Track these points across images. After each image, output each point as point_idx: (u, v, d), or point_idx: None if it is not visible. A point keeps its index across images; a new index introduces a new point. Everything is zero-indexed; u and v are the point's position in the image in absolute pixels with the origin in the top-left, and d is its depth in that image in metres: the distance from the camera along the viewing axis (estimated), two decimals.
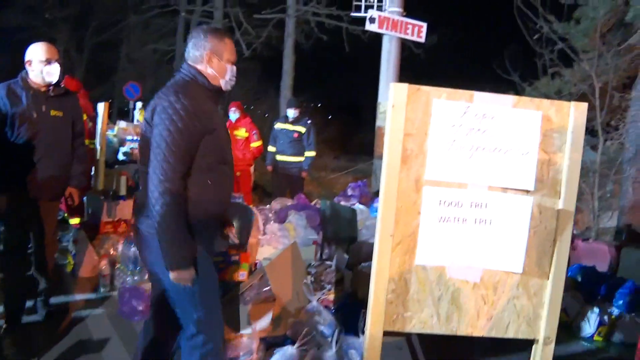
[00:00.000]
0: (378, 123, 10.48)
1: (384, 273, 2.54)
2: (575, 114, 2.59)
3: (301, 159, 9.05)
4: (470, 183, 2.56)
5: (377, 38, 16.06)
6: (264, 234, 6.38)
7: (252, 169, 9.85)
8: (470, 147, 2.54)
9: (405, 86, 2.47)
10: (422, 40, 10.59)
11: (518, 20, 9.83)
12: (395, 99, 2.47)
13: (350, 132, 28.35)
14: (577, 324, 5.23)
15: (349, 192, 9.01)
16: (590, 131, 10.35)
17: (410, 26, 10.34)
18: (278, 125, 9.21)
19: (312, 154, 9.13)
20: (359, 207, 6.95)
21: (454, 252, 2.58)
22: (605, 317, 5.22)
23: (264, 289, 4.91)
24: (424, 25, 10.37)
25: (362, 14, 11.11)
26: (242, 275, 5.36)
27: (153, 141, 2.59)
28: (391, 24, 10.16)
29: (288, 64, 16.40)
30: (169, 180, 2.55)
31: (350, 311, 4.55)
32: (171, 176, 2.55)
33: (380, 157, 9.41)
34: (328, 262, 6.00)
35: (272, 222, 6.65)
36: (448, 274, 2.60)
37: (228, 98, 17.14)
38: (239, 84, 20.00)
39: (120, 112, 21.34)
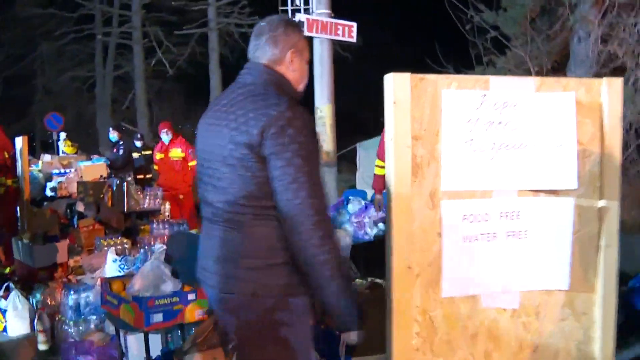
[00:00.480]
0: (318, 129, 9.89)
1: (406, 315, 1.95)
2: (609, 92, 2.08)
3: None
4: (495, 189, 2.01)
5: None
6: None
7: (192, 190, 9.14)
8: (491, 146, 1.99)
9: (406, 76, 1.90)
10: (354, 40, 10.12)
11: (450, 11, 9.52)
12: (396, 93, 1.88)
13: None
14: None
15: None
16: None
17: (340, 27, 9.85)
18: None
19: None
20: None
21: (485, 276, 2.02)
22: None
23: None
24: (354, 25, 9.90)
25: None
26: (199, 313, 4.68)
27: (279, 174, 1.90)
28: (320, 27, 9.64)
29: (215, 79, 15.71)
30: (326, 219, 1.95)
31: (327, 337, 3.96)
32: (326, 213, 1.96)
33: (324, 165, 8.86)
34: None
35: None
36: (481, 304, 2.04)
37: (156, 120, 16.34)
38: (166, 103, 19.39)
39: (43, 144, 20.00)
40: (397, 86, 1.89)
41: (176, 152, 8.60)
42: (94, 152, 12.70)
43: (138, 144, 9.94)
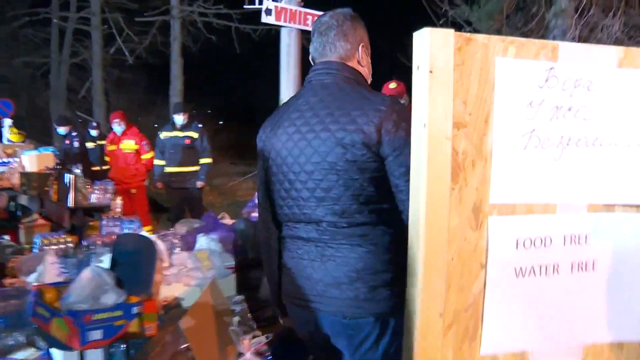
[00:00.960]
0: None
1: None
2: None
3: (196, 168, 7.72)
4: (561, 203, 1.38)
5: (269, 36, 14.95)
6: (171, 266, 5.01)
7: (146, 184, 8.36)
8: (557, 140, 1.36)
9: (449, 34, 1.25)
10: None
11: (425, 5, 8.97)
12: (433, 59, 1.23)
13: (244, 137, 26.96)
14: None
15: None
16: None
17: (310, 17, 9.19)
18: (165, 134, 7.80)
19: (207, 160, 7.82)
20: None
21: (541, 325, 1.40)
22: None
23: (181, 347, 3.62)
24: None
25: (256, 6, 9.83)
26: (148, 329, 3.98)
27: (405, 170, 1.55)
28: (289, 15, 8.97)
29: (176, 69, 14.80)
30: None
31: (292, 354, 3.52)
32: None
33: None
34: (254, 295, 4.72)
35: (179, 250, 5.28)
36: None
37: (113, 110, 15.46)
38: (125, 94, 18.36)
39: None
40: (435, 48, 1.24)
41: (129, 144, 7.85)
42: (46, 142, 11.74)
43: (93, 132, 9.06)
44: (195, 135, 7.66)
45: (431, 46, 1.23)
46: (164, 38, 15.33)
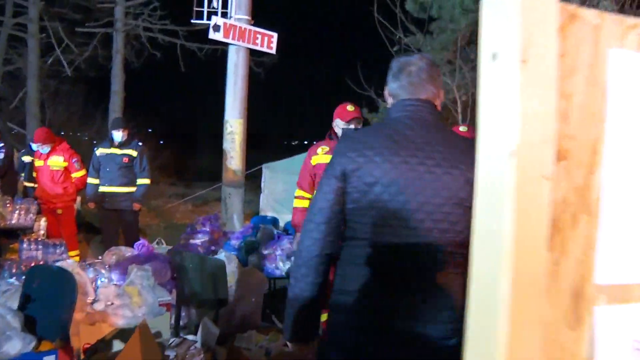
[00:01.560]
0: (225, 145, 8.66)
1: None
2: None
3: (132, 189, 7.10)
4: None
5: (215, 55, 14.39)
6: (95, 301, 4.31)
7: (76, 205, 7.54)
8: None
9: (552, 4, 0.73)
10: (273, 51, 9.03)
11: (379, 30, 8.59)
12: (527, 42, 0.71)
13: (184, 157, 26.07)
14: None
15: (198, 227, 7.13)
16: None
17: (259, 36, 8.73)
18: (101, 151, 7.16)
19: (145, 181, 7.23)
20: (224, 254, 5.06)
21: None
22: None
23: None
24: (275, 35, 8.79)
25: (204, 22, 9.25)
26: None
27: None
28: (239, 33, 8.48)
29: (117, 83, 13.99)
30: None
31: None
32: None
33: (231, 185, 7.56)
34: (191, 338, 4.07)
35: (106, 282, 4.57)
36: None
37: (48, 123, 14.38)
38: (63, 107, 17.27)
39: None
40: (530, 23, 0.71)
41: (56, 161, 7.10)
42: None
43: (35, 146, 8.15)
44: (134, 153, 7.07)
45: (523, 18, 0.70)
46: (106, 51, 14.53)
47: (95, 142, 17.94)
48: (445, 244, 1.97)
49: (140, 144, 7.29)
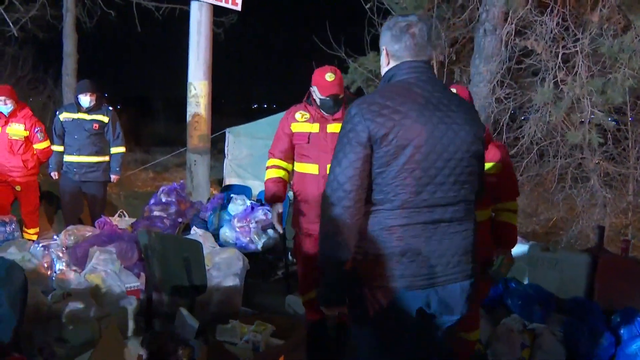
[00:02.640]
0: (190, 109, 7.95)
1: None
2: None
3: (103, 158, 6.41)
4: None
5: (173, 15, 13.42)
6: (51, 292, 3.66)
7: (39, 179, 6.68)
8: None
9: None
10: (238, 8, 8.30)
11: None
12: None
13: (141, 123, 24.96)
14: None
15: (163, 198, 6.50)
16: None
17: None
18: (66, 116, 6.38)
19: (121, 149, 6.64)
20: (196, 231, 4.43)
21: None
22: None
23: None
24: None
25: None
26: None
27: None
28: None
29: (69, 45, 12.89)
30: None
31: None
32: None
33: (196, 151, 6.89)
34: (166, 333, 3.49)
35: (65, 267, 3.91)
36: None
37: None
38: (10, 70, 15.96)
39: None
40: None
41: (17, 129, 6.14)
42: None
43: None
44: (105, 119, 6.39)
45: None
46: (55, 10, 13.34)
47: (49, 107, 16.81)
48: (465, 195, 2.23)
49: (110, 108, 6.54)
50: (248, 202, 6.23)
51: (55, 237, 4.52)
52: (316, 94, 3.94)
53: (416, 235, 2.14)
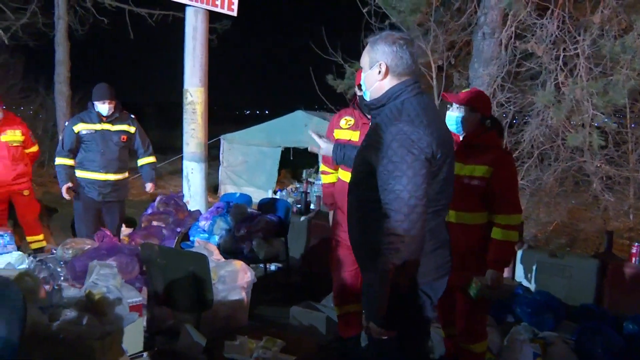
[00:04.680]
0: (186, 116, 7.80)
1: None
2: None
3: (126, 175, 6.06)
4: None
5: (166, 21, 13.28)
6: (49, 309, 3.49)
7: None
8: None
9: None
10: (234, 13, 8.16)
11: None
12: None
13: None
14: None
15: (161, 207, 6.35)
16: None
17: None
18: (84, 127, 5.66)
19: (151, 159, 6.26)
20: (200, 244, 4.27)
21: None
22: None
23: None
24: None
25: None
26: None
27: None
28: None
29: (61, 52, 12.73)
30: None
31: None
32: None
33: (193, 159, 6.73)
34: (170, 350, 3.33)
35: (64, 283, 3.74)
36: None
37: None
38: (0, 79, 15.70)
39: None
40: None
41: (14, 136, 5.93)
42: None
43: None
44: (132, 129, 5.95)
45: None
46: (46, 18, 13.15)
47: (41, 116, 16.59)
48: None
49: (132, 116, 6.06)
50: (248, 211, 6.09)
51: (53, 250, 4.35)
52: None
53: (442, 232, 2.51)
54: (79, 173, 5.67)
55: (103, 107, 5.65)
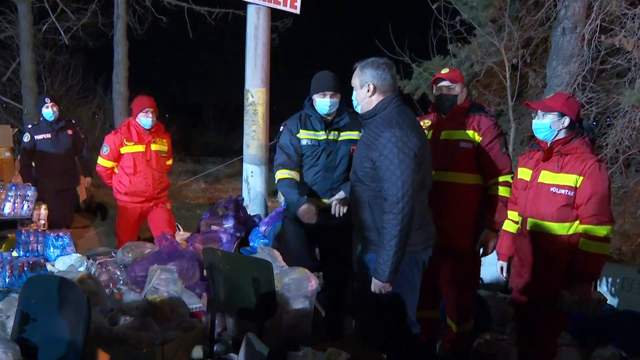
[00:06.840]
0: (247, 118, 7.83)
1: None
2: None
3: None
4: None
5: (226, 20, 13.47)
6: (110, 314, 3.56)
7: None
8: None
9: None
10: (297, 11, 8.15)
11: None
12: None
13: (190, 132, 25.22)
14: None
15: (220, 211, 6.38)
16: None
17: None
18: (308, 136, 4.33)
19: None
20: (263, 249, 4.26)
21: None
22: None
23: None
24: None
25: None
26: None
27: None
28: None
29: (120, 52, 13.06)
30: None
31: None
32: None
33: (253, 162, 6.74)
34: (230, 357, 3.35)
35: (123, 287, 3.81)
36: None
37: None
38: (61, 79, 16.31)
39: None
40: None
41: (162, 144, 6.07)
42: None
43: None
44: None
45: None
46: (106, 18, 13.57)
47: (97, 116, 17.14)
48: None
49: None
50: None
51: (112, 253, 4.46)
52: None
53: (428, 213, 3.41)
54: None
55: (324, 102, 4.23)
